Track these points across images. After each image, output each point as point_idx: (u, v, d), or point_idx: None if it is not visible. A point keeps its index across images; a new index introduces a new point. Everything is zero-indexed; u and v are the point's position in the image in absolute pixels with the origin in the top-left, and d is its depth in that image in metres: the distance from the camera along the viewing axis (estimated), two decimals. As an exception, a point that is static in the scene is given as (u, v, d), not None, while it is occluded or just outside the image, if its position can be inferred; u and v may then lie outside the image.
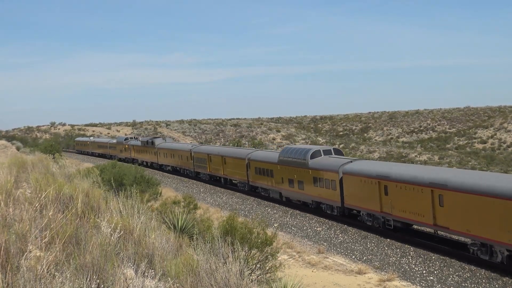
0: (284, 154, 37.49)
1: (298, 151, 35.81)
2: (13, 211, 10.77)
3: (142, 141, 74.21)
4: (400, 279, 20.35)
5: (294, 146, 39.09)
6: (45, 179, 14.18)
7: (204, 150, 54.65)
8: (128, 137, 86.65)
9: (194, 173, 56.30)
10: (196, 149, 56.41)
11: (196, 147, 57.35)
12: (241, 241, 12.84)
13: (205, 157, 52.38)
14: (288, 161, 36.44)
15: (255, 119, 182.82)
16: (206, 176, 53.20)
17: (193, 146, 58.35)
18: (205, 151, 53.39)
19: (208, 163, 51.73)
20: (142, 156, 74.23)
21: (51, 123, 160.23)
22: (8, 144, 75.07)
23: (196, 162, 54.97)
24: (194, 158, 55.32)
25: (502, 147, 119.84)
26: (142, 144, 73.48)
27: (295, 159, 35.53)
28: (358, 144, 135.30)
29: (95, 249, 8.27)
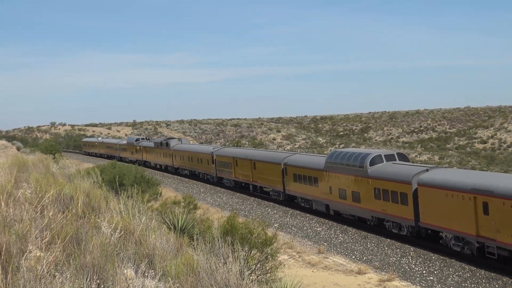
0: (333, 159, 31.60)
1: (352, 156, 29.98)
2: (13, 211, 10.78)
3: (156, 142, 69.16)
4: (400, 279, 20.35)
5: (346, 150, 32.47)
6: (46, 179, 14.20)
7: (229, 153, 48.85)
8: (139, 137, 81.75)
9: (216, 179, 50.81)
10: (219, 151, 50.80)
11: (219, 150, 51.71)
12: (241, 241, 12.85)
13: (230, 160, 46.74)
14: (339, 167, 30.64)
15: (255, 119, 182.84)
16: (231, 182, 47.55)
17: (215, 148, 52.61)
18: (230, 154, 47.72)
19: (234, 168, 46.12)
20: (155, 159, 69.35)
21: (51, 123, 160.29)
22: (9, 144, 75.11)
23: (219, 166, 49.46)
24: (217, 161, 49.86)
25: (502, 147, 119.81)
26: (156, 145, 68.34)
27: (348, 165, 29.85)
28: (359, 144, 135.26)
29: (95, 249, 8.28)
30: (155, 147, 68.35)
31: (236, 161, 45.71)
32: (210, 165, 51.57)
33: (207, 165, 52.53)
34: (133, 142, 78.95)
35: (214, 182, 51.39)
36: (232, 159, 46.41)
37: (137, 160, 74.66)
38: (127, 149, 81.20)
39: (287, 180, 37.20)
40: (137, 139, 79.63)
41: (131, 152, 79.09)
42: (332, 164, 31.61)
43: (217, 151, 50.75)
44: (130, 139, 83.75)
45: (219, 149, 52.46)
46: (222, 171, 49.00)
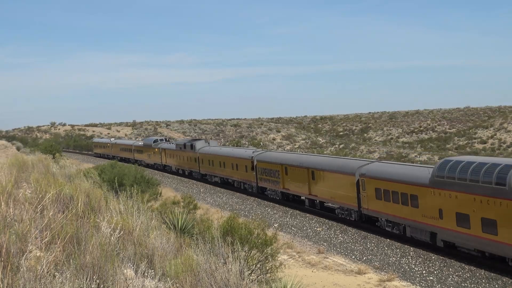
0: (448, 171, 23.03)
1: (483, 169, 21.41)
2: (13, 211, 10.78)
3: (178, 144, 61.95)
4: (400, 279, 20.36)
5: (468, 159, 23.15)
6: (46, 179, 14.20)
7: (276, 158, 40.22)
8: (157, 138, 74.05)
9: (257, 189, 42.52)
10: (262, 156, 42.44)
11: (261, 154, 43.41)
12: (241, 242, 12.85)
13: (277, 168, 38.45)
14: (458, 183, 22.34)
15: (255, 119, 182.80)
16: (277, 194, 39.17)
17: (256, 152, 44.31)
18: (278, 160, 39.19)
19: (283, 177, 37.89)
20: (177, 163, 62.04)
21: (51, 123, 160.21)
22: (8, 144, 75.06)
23: (262, 174, 41.22)
24: (258, 168, 41.61)
25: (502, 147, 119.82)
26: (178, 147, 60.99)
27: (475, 181, 21.41)
28: (358, 144, 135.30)
29: (95, 249, 8.28)
30: (177, 150, 61.08)
31: (286, 168, 37.38)
32: (249, 173, 43.31)
33: (244, 172, 44.31)
34: (151, 144, 71.39)
35: (253, 192, 43.09)
36: (280, 166, 37.97)
37: (155, 163, 69.43)
38: (143, 151, 74.46)
39: (365, 196, 28.57)
40: (155, 140, 72.05)
41: (148, 155, 72.33)
42: (445, 178, 23.09)
43: (259, 156, 42.57)
44: (147, 140, 76.50)
45: (262, 153, 44.01)
46: (266, 180, 40.62)
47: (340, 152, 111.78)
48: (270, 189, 40.27)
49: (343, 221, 30.88)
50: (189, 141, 60.72)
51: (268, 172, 40.17)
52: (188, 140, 62.43)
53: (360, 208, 29.13)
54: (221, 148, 54.82)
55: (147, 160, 72.52)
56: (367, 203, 28.48)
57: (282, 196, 38.57)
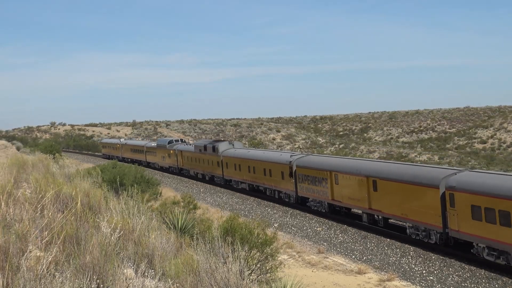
0: None
1: None
2: (13, 211, 10.78)
3: (198, 146, 55.89)
4: (400, 279, 20.35)
5: None
6: (45, 179, 14.19)
7: (322, 163, 33.96)
8: (172, 139, 68.83)
9: (296, 199, 36.53)
10: (303, 160, 36.20)
11: (301, 158, 36.87)
12: (241, 241, 12.85)
13: (325, 175, 32.45)
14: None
15: (255, 119, 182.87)
16: (323, 205, 33.23)
17: (295, 156, 37.69)
18: (325, 166, 33.12)
19: (332, 186, 31.91)
20: (196, 166, 56.14)
21: (51, 123, 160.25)
22: (8, 144, 75.02)
23: (303, 181, 35.31)
24: (299, 175, 35.71)
25: (502, 147, 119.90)
26: (197, 149, 55.28)
27: None
28: (358, 144, 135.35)
29: (95, 249, 8.28)
30: (197, 152, 55.22)
31: (336, 176, 31.41)
32: (287, 180, 37.32)
33: (280, 179, 38.34)
34: (165, 145, 65.47)
35: (291, 203, 37.12)
36: (329, 174, 32.05)
37: (171, 167, 63.98)
38: (156, 153, 68.73)
39: (455, 215, 22.78)
40: (170, 141, 66.28)
41: (162, 157, 66.48)
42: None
43: (299, 160, 36.38)
44: (161, 140, 70.70)
45: (303, 157, 37.31)
46: (308, 189, 34.67)
47: (340, 152, 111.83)
48: (314, 200, 34.15)
49: (343, 221, 30.79)
50: (211, 142, 54.62)
51: (311, 180, 34.03)
52: (210, 141, 56.18)
53: (446, 229, 23.38)
54: (249, 150, 48.15)
55: (161, 162, 67.29)
56: (458, 224, 22.57)
57: (329, 208, 32.69)
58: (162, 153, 66.38)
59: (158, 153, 67.97)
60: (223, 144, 51.22)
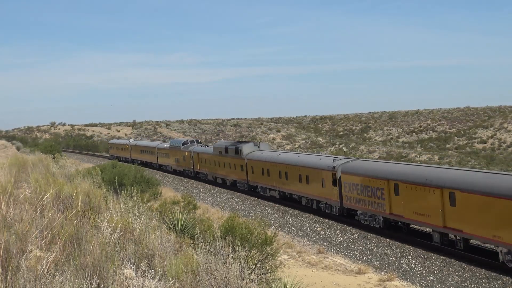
0: None
1: None
2: (13, 211, 10.78)
3: (217, 148, 50.73)
4: (400, 279, 20.36)
5: None
6: (45, 179, 14.20)
7: (377, 170, 28.59)
8: (187, 140, 63.68)
9: (340, 210, 31.40)
10: (351, 166, 30.85)
11: (348, 163, 31.44)
12: (241, 241, 12.85)
13: (381, 184, 27.47)
14: None
15: (255, 119, 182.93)
16: (378, 220, 28.08)
17: (339, 161, 32.21)
18: (381, 173, 27.94)
19: (389, 197, 26.91)
20: (216, 170, 51.07)
21: (51, 123, 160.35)
22: (8, 144, 74.99)
23: (349, 190, 30.10)
24: (344, 183, 30.53)
25: (502, 147, 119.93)
26: (216, 151, 50.34)
27: None
28: (358, 144, 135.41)
29: (95, 249, 8.28)
30: (216, 154, 50.28)
31: (397, 186, 26.44)
32: (329, 188, 32.10)
33: (319, 187, 33.20)
34: (179, 146, 60.77)
35: (334, 215, 32.23)
36: (386, 183, 27.05)
37: (185, 170, 59.47)
38: (169, 155, 64.23)
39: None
40: (184, 142, 61.47)
41: (176, 159, 61.91)
42: None
43: (346, 166, 31.06)
44: (175, 142, 66.15)
45: (349, 162, 31.88)
46: (357, 200, 29.49)
47: (340, 152, 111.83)
48: (364, 213, 29.13)
49: (343, 221, 30.81)
50: (233, 143, 49.46)
51: (362, 190, 28.98)
52: (231, 143, 50.66)
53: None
54: (280, 153, 42.84)
55: (175, 165, 62.81)
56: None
57: (385, 223, 27.76)
58: (176, 155, 61.88)
59: (171, 155, 63.43)
60: (248, 145, 45.74)
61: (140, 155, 75.26)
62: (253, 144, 46.44)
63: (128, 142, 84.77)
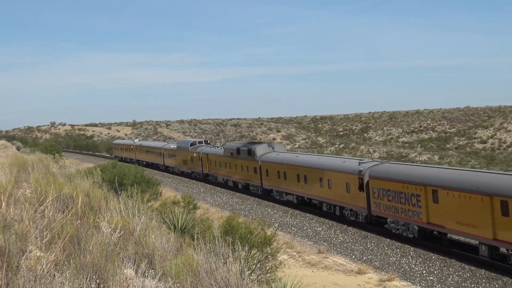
0: None
1: None
2: (13, 211, 10.78)
3: (228, 149, 48.21)
4: (400, 279, 20.36)
5: None
6: (46, 179, 14.19)
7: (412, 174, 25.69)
8: (195, 141, 60.62)
9: (368, 217, 28.59)
10: (380, 169, 27.94)
11: (377, 166, 28.48)
12: (241, 241, 12.85)
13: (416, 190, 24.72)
14: None
15: (255, 119, 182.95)
16: (411, 229, 25.44)
17: (365, 164, 29.37)
18: (416, 177, 25.12)
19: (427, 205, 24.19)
20: (226, 173, 48.61)
21: (51, 123, 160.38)
22: (8, 144, 75.00)
23: (378, 196, 27.41)
24: (373, 188, 27.77)
25: (502, 147, 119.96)
26: (227, 152, 47.82)
27: None
28: (358, 144, 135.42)
29: (95, 249, 8.28)
30: (227, 156, 47.77)
31: (435, 192, 23.65)
32: (355, 193, 29.51)
33: (344, 191, 30.46)
34: (187, 147, 58.42)
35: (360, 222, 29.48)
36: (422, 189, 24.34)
37: (194, 172, 57.08)
38: (176, 156, 61.91)
39: None
40: (193, 143, 58.72)
41: (184, 161, 59.59)
42: None
43: (374, 169, 28.25)
44: (183, 142, 63.20)
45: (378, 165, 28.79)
46: (387, 207, 26.81)
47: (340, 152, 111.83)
48: (396, 221, 26.50)
49: (343, 221, 30.82)
50: (245, 144, 46.36)
51: (394, 196, 26.31)
52: (244, 144, 47.45)
53: None
54: (297, 155, 39.69)
55: (182, 167, 60.53)
56: None
57: (420, 233, 25.14)
58: (183, 156, 59.27)
59: (179, 156, 60.88)
60: (262, 146, 42.99)
61: (146, 156, 72.97)
62: (267, 145, 43.65)
63: (133, 142, 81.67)
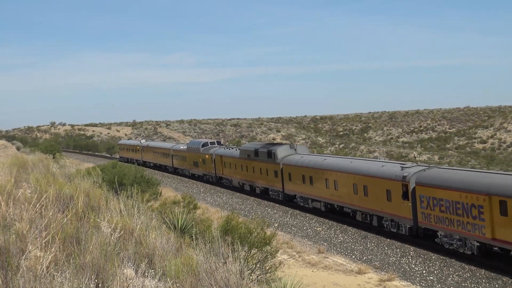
0: None
1: None
2: (13, 211, 10.78)
3: (245, 150, 44.12)
4: (400, 279, 20.36)
5: None
6: (46, 179, 14.19)
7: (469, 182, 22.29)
8: (207, 141, 56.77)
9: (414, 230, 25.34)
10: (428, 176, 24.57)
11: (424, 172, 25.06)
12: (241, 241, 12.85)
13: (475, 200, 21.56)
14: None
15: (255, 119, 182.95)
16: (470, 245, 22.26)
17: (410, 168, 25.95)
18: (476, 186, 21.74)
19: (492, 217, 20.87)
20: (243, 176, 44.58)
21: (51, 123, 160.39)
22: (8, 144, 75.05)
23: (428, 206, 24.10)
24: (420, 197, 24.52)
25: (502, 147, 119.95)
26: (244, 154, 43.98)
27: None
28: (358, 144, 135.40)
29: (95, 249, 8.28)
30: (244, 158, 43.90)
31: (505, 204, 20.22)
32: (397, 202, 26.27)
33: (383, 199, 27.31)
34: (198, 148, 54.77)
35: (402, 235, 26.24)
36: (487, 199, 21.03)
37: (206, 175, 53.45)
38: (186, 158, 58.38)
39: None
40: (204, 144, 55.04)
41: (194, 163, 55.99)
42: None
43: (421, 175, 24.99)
44: (194, 143, 58.90)
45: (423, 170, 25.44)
46: (439, 219, 23.64)
47: (340, 152, 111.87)
48: (449, 235, 23.28)
49: (343, 221, 30.82)
50: (264, 145, 42.09)
51: (448, 206, 23.05)
52: (262, 145, 43.14)
53: None
54: (325, 158, 35.23)
55: (193, 169, 56.84)
56: None
57: (480, 250, 21.88)
58: (194, 157, 55.58)
59: (189, 157, 57.16)
60: (283, 148, 39.01)
61: (153, 157, 69.76)
62: (289, 146, 39.69)
63: (140, 143, 77.55)
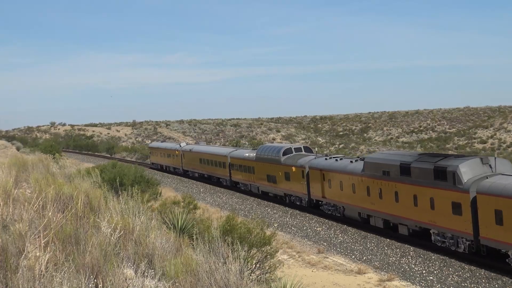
0: None
1: None
2: (13, 211, 10.77)
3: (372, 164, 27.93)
4: (400, 279, 20.35)
5: None
6: (45, 179, 14.18)
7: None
8: (291, 147, 39.12)
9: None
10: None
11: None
12: (241, 241, 12.84)
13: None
14: None
15: (255, 119, 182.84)
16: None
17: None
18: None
19: None
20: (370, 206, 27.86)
21: (51, 123, 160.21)
22: (8, 144, 75.00)
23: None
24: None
25: (502, 147, 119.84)
26: (371, 171, 27.45)
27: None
28: (358, 144, 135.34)
29: (94, 249, 8.28)
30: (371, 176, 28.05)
31: None
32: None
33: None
34: (279, 157, 38.18)
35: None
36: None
37: (295, 196, 36.66)
38: (255, 169, 41.73)
39: None
40: (286, 151, 38.25)
41: (270, 177, 39.52)
42: None
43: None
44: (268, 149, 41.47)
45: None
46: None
47: (340, 152, 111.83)
48: None
49: (343, 221, 30.83)
50: (424, 157, 25.48)
51: None
52: (417, 156, 26.17)
53: None
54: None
55: (266, 186, 40.49)
56: None
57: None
58: (270, 169, 39.36)
59: (259, 169, 41.00)
60: (469, 164, 22.58)
61: (199, 166, 53.60)
62: (481, 161, 22.89)
63: (179, 146, 60.23)
